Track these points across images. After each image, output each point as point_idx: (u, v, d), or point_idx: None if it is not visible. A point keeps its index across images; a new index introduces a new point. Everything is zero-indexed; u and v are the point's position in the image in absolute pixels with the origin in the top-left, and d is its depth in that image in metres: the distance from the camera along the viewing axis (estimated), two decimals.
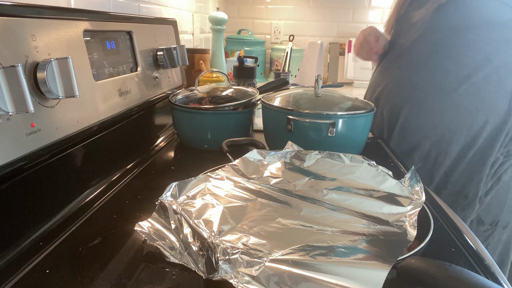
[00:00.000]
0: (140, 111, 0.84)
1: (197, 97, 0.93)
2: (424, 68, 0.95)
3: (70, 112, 0.58)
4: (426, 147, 0.96)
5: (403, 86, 0.99)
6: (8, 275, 0.43)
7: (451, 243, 0.53)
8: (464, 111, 0.90)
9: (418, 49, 0.97)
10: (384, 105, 1.04)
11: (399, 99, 0.99)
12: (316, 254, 0.40)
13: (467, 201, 0.95)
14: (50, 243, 0.50)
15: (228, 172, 0.61)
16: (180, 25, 1.43)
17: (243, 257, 0.40)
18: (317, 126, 0.76)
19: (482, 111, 0.89)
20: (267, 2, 2.21)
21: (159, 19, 1.02)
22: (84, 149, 0.63)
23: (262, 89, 1.08)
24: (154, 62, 0.93)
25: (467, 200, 0.95)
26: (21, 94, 0.43)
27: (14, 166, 0.47)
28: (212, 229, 0.45)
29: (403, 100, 0.98)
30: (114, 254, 0.48)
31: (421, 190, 0.56)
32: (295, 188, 0.58)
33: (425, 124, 0.94)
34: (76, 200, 0.60)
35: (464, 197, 0.95)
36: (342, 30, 2.20)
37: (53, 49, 0.55)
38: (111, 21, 0.75)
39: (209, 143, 0.89)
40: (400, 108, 0.98)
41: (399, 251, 0.42)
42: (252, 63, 1.73)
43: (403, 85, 0.99)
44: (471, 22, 0.90)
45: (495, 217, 0.98)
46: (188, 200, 0.52)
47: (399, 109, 0.99)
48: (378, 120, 1.07)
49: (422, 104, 0.95)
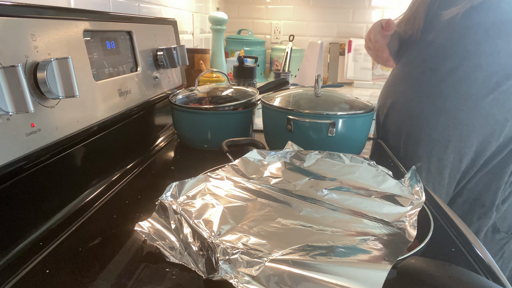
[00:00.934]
0: (140, 111, 0.84)
1: (197, 97, 0.93)
2: (451, 76, 0.87)
3: (70, 112, 0.58)
4: (450, 158, 0.89)
5: (427, 94, 0.91)
6: (8, 275, 0.43)
7: (451, 243, 0.53)
8: (492, 120, 0.84)
9: (446, 54, 0.90)
10: (402, 113, 0.97)
11: (422, 108, 0.92)
12: (316, 254, 0.40)
13: (484, 210, 0.90)
14: (50, 243, 0.50)
15: (228, 172, 0.61)
16: (180, 25, 1.43)
17: (243, 257, 0.40)
18: (317, 126, 0.76)
19: (511, 121, 0.84)
20: (267, 2, 2.21)
21: (159, 19, 1.02)
22: (84, 149, 0.63)
23: (262, 89, 1.08)
24: (154, 62, 0.93)
25: (483, 208, 0.90)
26: (21, 94, 0.43)
27: (14, 166, 0.47)
28: (212, 229, 0.45)
29: (426, 109, 0.91)
30: (114, 254, 0.48)
31: (421, 190, 0.56)
32: (295, 188, 0.58)
33: (452, 135, 0.87)
34: (76, 200, 0.60)
35: (481, 206, 0.90)
36: (342, 30, 2.20)
37: (53, 49, 0.55)
38: (111, 21, 0.75)
39: (209, 143, 0.89)
40: (424, 118, 0.91)
41: (399, 251, 0.42)
42: (252, 63, 1.73)
43: (427, 92, 0.91)
44: (503, 27, 0.85)
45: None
46: (188, 200, 0.52)
47: (422, 118, 0.91)
48: (394, 129, 1.00)
49: (449, 114, 0.87)
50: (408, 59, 1.00)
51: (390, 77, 1.07)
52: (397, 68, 1.04)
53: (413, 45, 1.00)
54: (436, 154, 0.90)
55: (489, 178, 0.89)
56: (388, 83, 1.07)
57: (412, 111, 0.94)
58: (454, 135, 0.87)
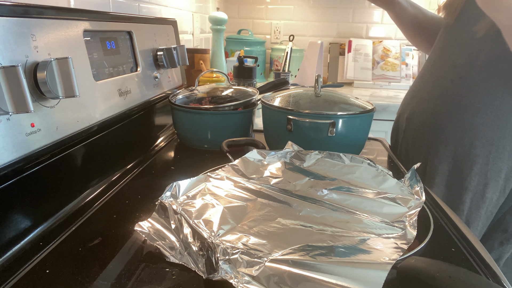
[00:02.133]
0: (140, 111, 0.84)
1: (197, 97, 0.93)
2: (483, 89, 0.77)
3: (70, 112, 0.58)
4: (474, 182, 0.79)
5: (455, 107, 0.81)
6: (8, 275, 0.43)
7: (451, 243, 0.53)
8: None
9: (479, 63, 0.77)
10: (426, 125, 0.86)
11: (449, 121, 0.81)
12: (316, 254, 0.41)
13: (506, 235, 0.81)
14: (50, 243, 0.50)
15: (228, 172, 0.61)
16: (180, 25, 1.43)
17: (243, 257, 0.40)
18: (317, 126, 0.76)
19: None
20: (267, 2, 2.21)
21: (159, 19, 1.02)
22: (84, 149, 0.63)
23: (262, 89, 1.08)
24: (154, 62, 0.93)
25: (506, 234, 0.81)
26: (21, 94, 0.43)
27: (14, 166, 0.47)
28: (212, 229, 0.45)
29: (454, 123, 0.81)
30: (114, 254, 0.48)
31: (421, 190, 0.56)
32: (295, 188, 0.58)
33: (479, 156, 0.78)
34: (76, 200, 0.60)
35: (504, 231, 0.81)
36: (342, 30, 2.20)
37: (53, 49, 0.55)
38: (111, 21, 0.75)
39: (209, 143, 0.89)
40: (449, 133, 0.81)
41: (399, 251, 0.42)
42: (252, 63, 1.73)
43: (456, 105, 0.81)
44: None
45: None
46: (188, 200, 0.52)
47: (447, 134, 0.82)
48: (414, 140, 0.91)
49: (477, 131, 0.77)
50: (439, 62, 0.88)
51: (418, 81, 0.95)
52: (426, 72, 0.93)
53: (446, 40, 0.88)
54: (459, 173, 0.80)
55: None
56: (414, 87, 0.96)
57: (437, 124, 0.84)
58: (481, 156, 0.78)
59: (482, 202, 0.79)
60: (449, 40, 0.87)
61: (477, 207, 0.80)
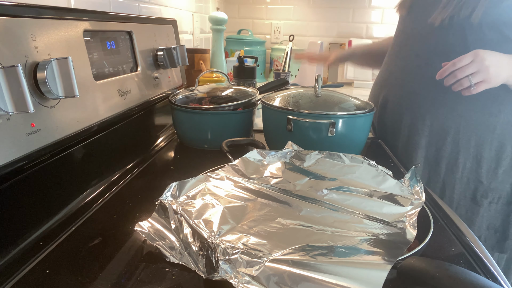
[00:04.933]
0: (140, 111, 0.84)
1: (197, 97, 0.93)
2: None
3: (70, 112, 0.58)
4: (448, 149, 0.90)
5: (428, 87, 0.91)
6: (8, 275, 0.43)
7: (451, 243, 0.53)
8: (487, 113, 0.85)
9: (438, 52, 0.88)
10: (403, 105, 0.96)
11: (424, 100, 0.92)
12: (316, 254, 0.40)
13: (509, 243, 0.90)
14: (50, 243, 0.50)
15: (228, 172, 0.61)
16: (180, 25, 1.43)
17: (243, 257, 0.40)
18: (317, 126, 0.76)
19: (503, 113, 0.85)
20: (267, 2, 2.21)
21: (159, 19, 1.02)
22: (84, 149, 0.63)
23: (262, 89, 1.08)
24: (154, 62, 0.93)
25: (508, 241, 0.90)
26: (21, 94, 0.43)
27: (14, 166, 0.47)
28: (212, 229, 0.45)
29: (428, 101, 0.91)
30: (114, 254, 0.48)
31: (421, 190, 0.56)
32: (295, 188, 0.58)
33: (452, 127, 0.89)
34: (76, 200, 0.60)
35: (505, 238, 0.90)
36: (342, 30, 2.20)
37: (53, 49, 0.55)
38: (111, 21, 0.75)
39: (209, 143, 0.89)
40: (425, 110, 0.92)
41: (399, 251, 0.42)
42: (252, 63, 1.73)
43: (428, 85, 0.90)
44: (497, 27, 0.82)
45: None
46: (188, 200, 0.52)
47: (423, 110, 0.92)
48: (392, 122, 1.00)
49: (448, 106, 0.88)
50: (401, 53, 0.99)
51: (385, 73, 1.05)
52: (391, 62, 1.03)
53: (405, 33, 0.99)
54: (435, 144, 0.92)
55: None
56: (382, 78, 1.06)
57: (414, 103, 0.94)
58: (453, 127, 0.89)
59: (456, 167, 0.91)
60: (407, 32, 0.99)
61: (452, 171, 0.91)
